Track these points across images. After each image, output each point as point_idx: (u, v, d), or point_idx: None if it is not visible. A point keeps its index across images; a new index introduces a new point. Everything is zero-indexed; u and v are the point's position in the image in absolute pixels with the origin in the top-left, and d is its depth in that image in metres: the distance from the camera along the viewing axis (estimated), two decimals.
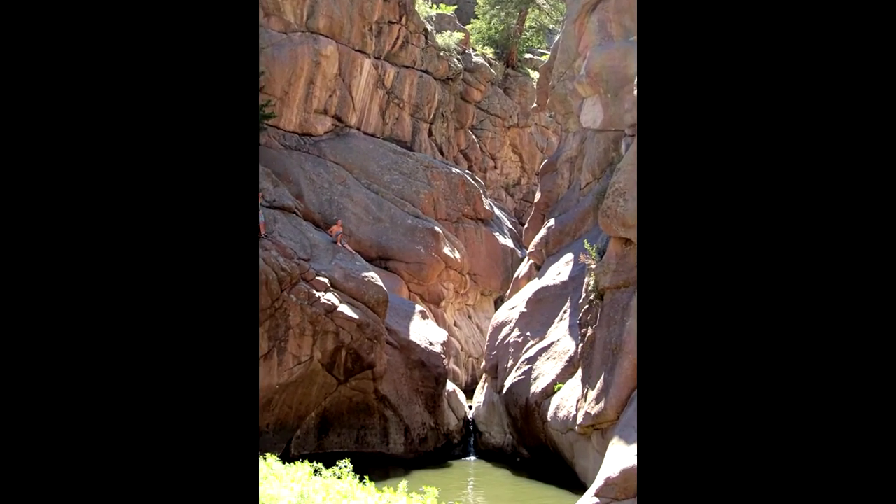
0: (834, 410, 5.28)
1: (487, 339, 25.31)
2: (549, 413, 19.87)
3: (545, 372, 21.01)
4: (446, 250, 30.88)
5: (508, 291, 28.11)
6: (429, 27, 37.49)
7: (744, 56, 5.57)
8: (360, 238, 28.74)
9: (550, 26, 46.14)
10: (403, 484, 9.03)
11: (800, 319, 5.38)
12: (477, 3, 45.87)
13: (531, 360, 21.84)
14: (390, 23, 34.66)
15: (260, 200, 23.07)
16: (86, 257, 5.40)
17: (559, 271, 23.47)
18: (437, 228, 30.87)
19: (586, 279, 19.08)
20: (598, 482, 14.17)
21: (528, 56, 46.76)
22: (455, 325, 32.96)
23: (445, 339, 25.76)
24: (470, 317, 34.71)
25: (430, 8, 41.26)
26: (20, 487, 5.08)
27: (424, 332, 25.29)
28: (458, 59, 39.68)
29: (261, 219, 22.20)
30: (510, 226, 37.56)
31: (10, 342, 5.19)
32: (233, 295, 5.62)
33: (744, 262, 5.52)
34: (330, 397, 22.49)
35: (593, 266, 18.54)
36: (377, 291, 23.37)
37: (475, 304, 35.04)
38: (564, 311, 22.11)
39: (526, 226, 29.49)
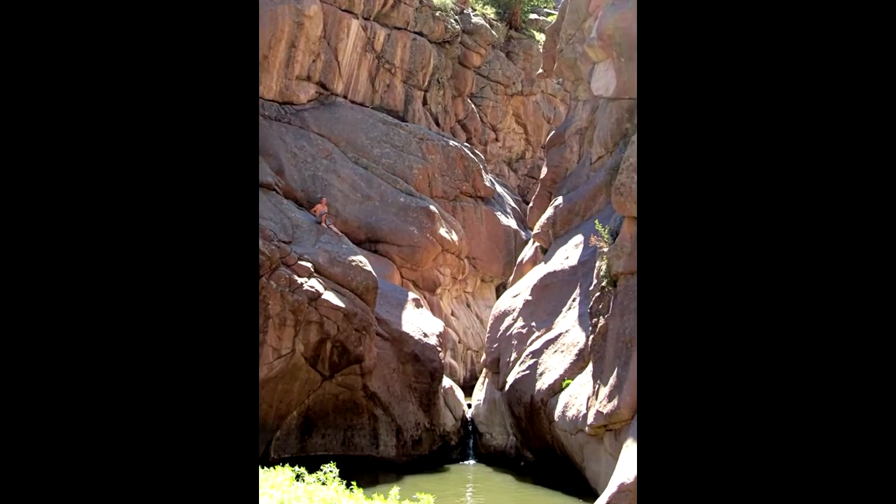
0: (842, 403, 5.63)
1: (488, 330, 25.27)
2: (557, 412, 19.86)
3: (552, 366, 20.98)
4: (442, 232, 30.75)
5: (511, 277, 28.05)
6: None
7: (750, 37, 5.97)
8: (347, 218, 28.61)
9: None
10: (395, 490, 9.03)
11: (806, 317, 5.74)
12: None
13: (536, 354, 21.81)
14: None
15: None
16: (84, 254, 5.82)
17: (567, 255, 23.42)
18: (432, 207, 30.72)
19: (598, 264, 19.02)
20: (611, 489, 14.12)
21: (533, 16, 46.59)
22: (452, 314, 32.87)
23: (441, 330, 25.74)
24: (469, 305, 34.62)
25: None
26: (18, 488, 5.49)
27: (418, 322, 25.25)
28: (455, 19, 39.53)
29: None
30: (513, 204, 37.45)
31: (4, 335, 5.61)
32: (231, 291, 6.02)
33: (748, 258, 5.88)
34: (314, 395, 22.49)
35: (605, 249, 18.49)
36: (366, 277, 23.33)
37: (474, 291, 34.98)
38: (573, 299, 22.06)
39: (531, 204, 29.37)
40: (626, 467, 14.29)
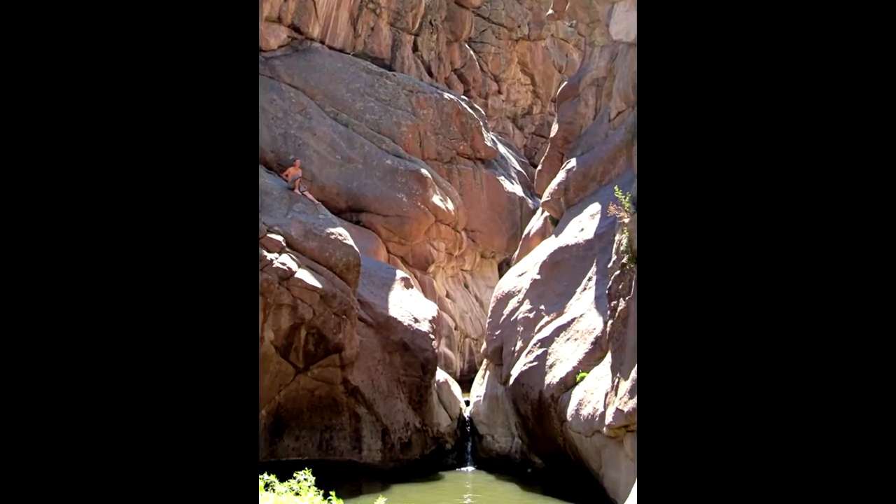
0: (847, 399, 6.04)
1: (489, 314, 25.25)
2: (569, 410, 19.84)
3: (564, 357, 20.93)
4: (436, 199, 30.71)
5: (516, 253, 27.99)
6: None
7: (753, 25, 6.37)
8: (325, 183, 28.56)
9: None
10: (381, 502, 9.11)
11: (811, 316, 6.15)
12: None
13: (546, 342, 21.77)
14: None
15: None
16: (81, 251, 6.25)
17: (582, 226, 23.36)
18: (423, 171, 30.63)
19: (617, 237, 18.95)
20: (633, 499, 14.10)
21: None
22: (447, 296, 32.85)
23: (435, 314, 25.69)
24: (467, 286, 34.64)
25: None
26: (14, 491, 5.93)
27: (408, 305, 25.19)
28: None
29: None
30: (519, 168, 37.39)
31: (3, 335, 6.04)
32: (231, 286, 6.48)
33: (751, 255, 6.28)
34: (286, 390, 22.50)
35: (626, 220, 18.43)
36: (346, 253, 23.25)
37: (473, 269, 35.01)
38: (589, 279, 22.02)
39: (539, 167, 29.30)
40: None
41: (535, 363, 21.72)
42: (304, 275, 22.16)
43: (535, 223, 27.29)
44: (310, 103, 30.33)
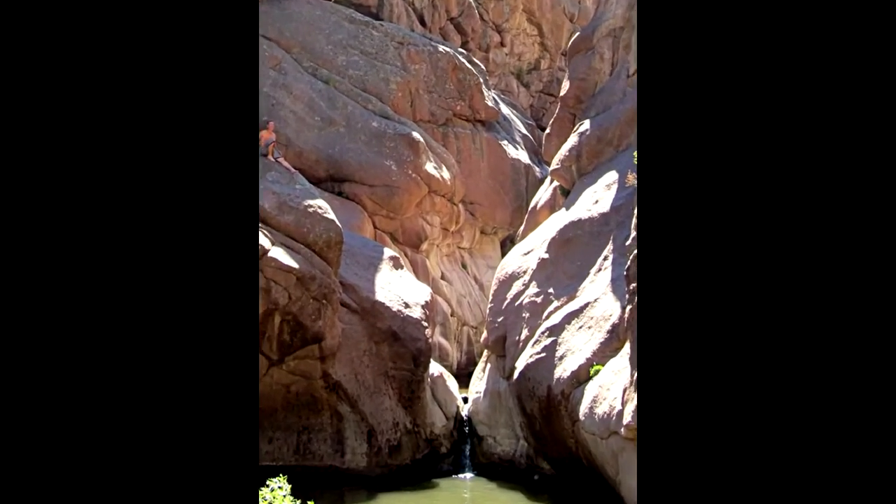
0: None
1: (491, 298, 25.23)
2: (582, 409, 19.64)
3: (576, 347, 20.79)
4: (429, 167, 30.72)
5: (522, 228, 27.98)
6: None
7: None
8: (303, 149, 28.64)
9: None
10: None
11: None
12: None
13: (555, 330, 21.68)
14: None
15: None
16: (79, 249, 6.70)
17: (597, 198, 23.30)
18: (415, 135, 30.65)
19: (637, 210, 18.51)
20: None
21: None
22: (443, 277, 32.93)
23: (428, 298, 25.54)
24: (465, 266, 34.72)
25: None
26: (14, 492, 6.41)
27: (397, 288, 25.10)
28: None
29: None
30: (524, 131, 37.38)
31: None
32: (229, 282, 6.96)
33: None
34: (258, 385, 22.28)
35: None
36: (327, 228, 23.03)
37: (472, 246, 35.11)
38: (604, 258, 21.98)
39: (548, 130, 29.09)
40: None
41: (542, 354, 21.62)
42: (277, 253, 22.00)
43: (543, 194, 27.27)
44: (285, 57, 30.38)
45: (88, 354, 6.56)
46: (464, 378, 27.93)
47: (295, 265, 22.06)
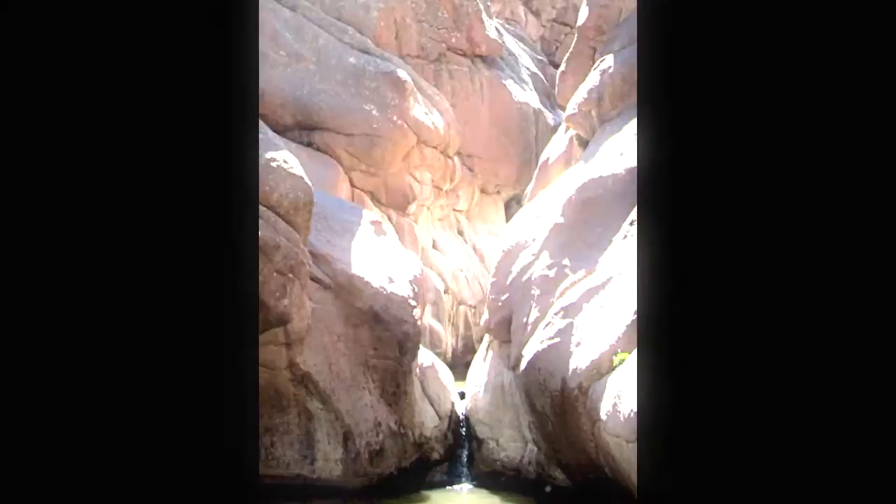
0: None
1: (493, 272, 24.14)
2: (604, 406, 18.29)
3: (596, 332, 19.66)
4: (418, 112, 30.05)
5: (531, 187, 27.30)
6: None
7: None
8: (265, 90, 27.71)
9: None
10: None
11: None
12: None
13: (571, 311, 20.55)
14: None
15: None
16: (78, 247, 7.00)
17: (622, 150, 22.40)
18: (400, 73, 30.08)
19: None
20: None
21: None
22: (434, 246, 32.47)
23: (417, 272, 24.30)
24: (461, 232, 34.34)
25: None
26: (15, 494, 6.89)
27: (379, 259, 23.98)
28: None
29: None
30: (533, 68, 37.19)
31: None
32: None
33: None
34: None
35: None
36: (294, 187, 21.49)
37: (471, 209, 34.68)
38: (631, 223, 21.13)
39: (562, 68, 28.29)
40: None
41: (556, 340, 20.36)
42: None
43: (557, 145, 26.50)
44: None
45: (77, 347, 6.77)
46: (460, 369, 26.94)
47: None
